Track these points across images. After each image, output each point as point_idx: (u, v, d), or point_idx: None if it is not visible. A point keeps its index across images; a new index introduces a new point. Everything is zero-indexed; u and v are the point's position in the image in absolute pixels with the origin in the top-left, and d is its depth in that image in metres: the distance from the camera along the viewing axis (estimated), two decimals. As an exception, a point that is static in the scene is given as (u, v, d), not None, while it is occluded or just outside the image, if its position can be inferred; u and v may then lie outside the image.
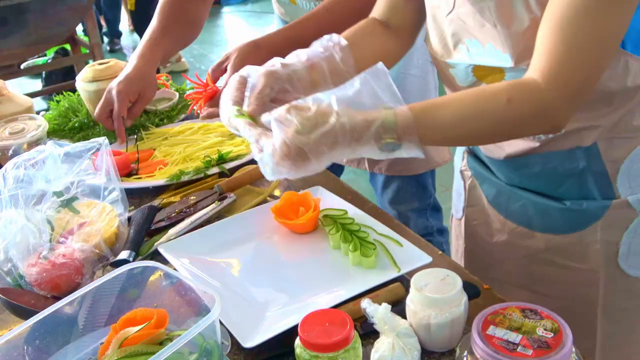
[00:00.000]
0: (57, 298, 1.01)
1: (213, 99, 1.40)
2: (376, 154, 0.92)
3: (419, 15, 1.21)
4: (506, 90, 0.91)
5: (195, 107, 1.44)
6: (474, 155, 1.26)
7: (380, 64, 0.96)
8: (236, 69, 1.39)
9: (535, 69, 0.91)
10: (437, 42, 1.15)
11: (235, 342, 0.98)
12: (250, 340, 0.97)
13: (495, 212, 1.22)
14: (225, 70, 1.43)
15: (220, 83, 1.43)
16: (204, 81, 1.43)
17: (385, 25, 1.22)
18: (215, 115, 1.39)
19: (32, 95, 4.01)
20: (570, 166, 1.07)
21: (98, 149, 1.28)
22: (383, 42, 1.20)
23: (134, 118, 1.64)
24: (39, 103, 4.58)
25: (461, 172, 1.33)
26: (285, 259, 1.21)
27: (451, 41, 1.11)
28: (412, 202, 1.87)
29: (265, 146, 0.91)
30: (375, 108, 0.92)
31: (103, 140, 1.28)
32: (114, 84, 1.60)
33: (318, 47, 1.10)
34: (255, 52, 1.43)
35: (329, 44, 1.11)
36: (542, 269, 1.18)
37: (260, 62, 1.37)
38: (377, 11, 1.24)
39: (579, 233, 1.11)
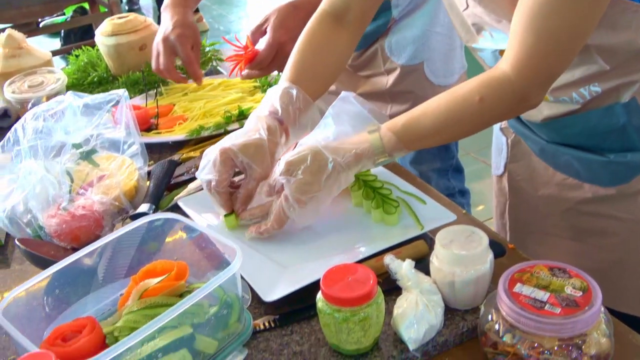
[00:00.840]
0: (77, 250, 1.00)
1: (253, 61, 1.44)
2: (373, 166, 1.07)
3: (376, 4, 1.22)
4: (477, 90, 0.97)
5: (236, 69, 1.48)
6: None
7: (342, 93, 1.10)
8: (275, 30, 1.41)
9: (506, 60, 0.95)
10: (460, 29, 1.14)
11: (255, 296, 0.97)
12: (271, 294, 0.96)
13: (544, 164, 1.21)
14: (265, 32, 1.45)
15: (259, 46, 1.44)
16: (244, 44, 1.46)
17: (336, 21, 1.21)
18: (255, 76, 1.50)
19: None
20: (610, 122, 1.05)
21: (117, 102, 1.26)
22: (335, 48, 1.21)
23: (198, 64, 1.58)
24: (57, 61, 4.52)
25: (501, 129, 1.31)
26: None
27: (473, 29, 1.10)
28: (434, 162, 1.85)
29: (276, 206, 1.05)
30: (358, 129, 1.05)
31: (123, 92, 1.26)
32: (168, 31, 1.53)
33: (280, 104, 1.14)
34: (294, 13, 1.43)
35: (284, 99, 1.14)
36: (589, 221, 1.16)
37: (299, 22, 1.40)
38: (330, 4, 1.22)
39: (625, 185, 1.09)
